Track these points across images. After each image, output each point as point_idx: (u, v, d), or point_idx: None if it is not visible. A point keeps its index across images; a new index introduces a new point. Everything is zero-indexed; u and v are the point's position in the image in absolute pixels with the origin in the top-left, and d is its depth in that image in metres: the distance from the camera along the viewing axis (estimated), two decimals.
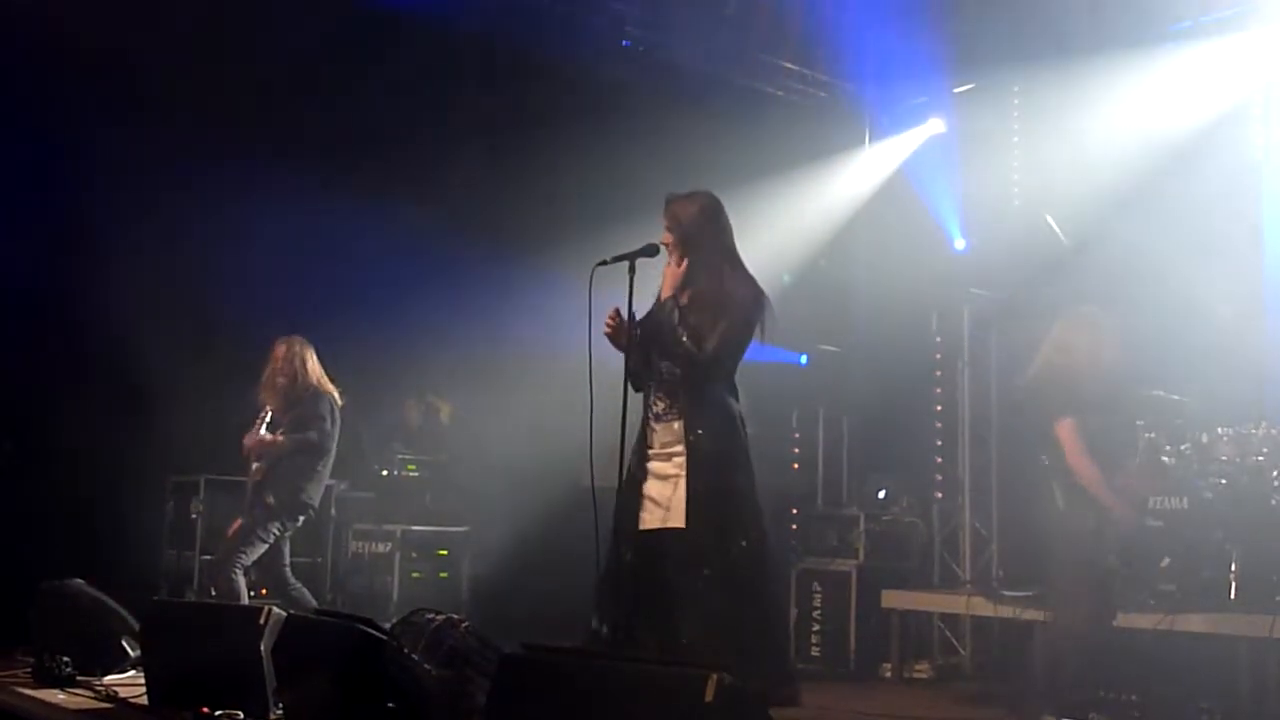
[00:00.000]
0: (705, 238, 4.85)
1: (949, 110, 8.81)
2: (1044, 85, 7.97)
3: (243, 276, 7.78)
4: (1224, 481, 6.00)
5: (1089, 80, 7.49)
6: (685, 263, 4.83)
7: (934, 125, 8.89)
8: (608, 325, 4.73)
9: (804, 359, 9.25)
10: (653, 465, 4.74)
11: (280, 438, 6.67)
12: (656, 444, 4.77)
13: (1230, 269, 6.94)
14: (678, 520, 4.61)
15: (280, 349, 6.81)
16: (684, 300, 4.81)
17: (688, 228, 4.85)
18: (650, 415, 4.82)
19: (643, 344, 4.80)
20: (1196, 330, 6.28)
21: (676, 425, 4.75)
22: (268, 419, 6.73)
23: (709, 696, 3.01)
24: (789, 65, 9.12)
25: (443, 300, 8.46)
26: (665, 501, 4.66)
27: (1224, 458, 6.11)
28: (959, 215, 8.64)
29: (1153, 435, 6.23)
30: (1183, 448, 6.19)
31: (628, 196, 5.74)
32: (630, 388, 4.89)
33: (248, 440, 6.72)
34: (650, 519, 4.68)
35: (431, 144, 8.54)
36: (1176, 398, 5.92)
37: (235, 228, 7.75)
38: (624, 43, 8.65)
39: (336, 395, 6.85)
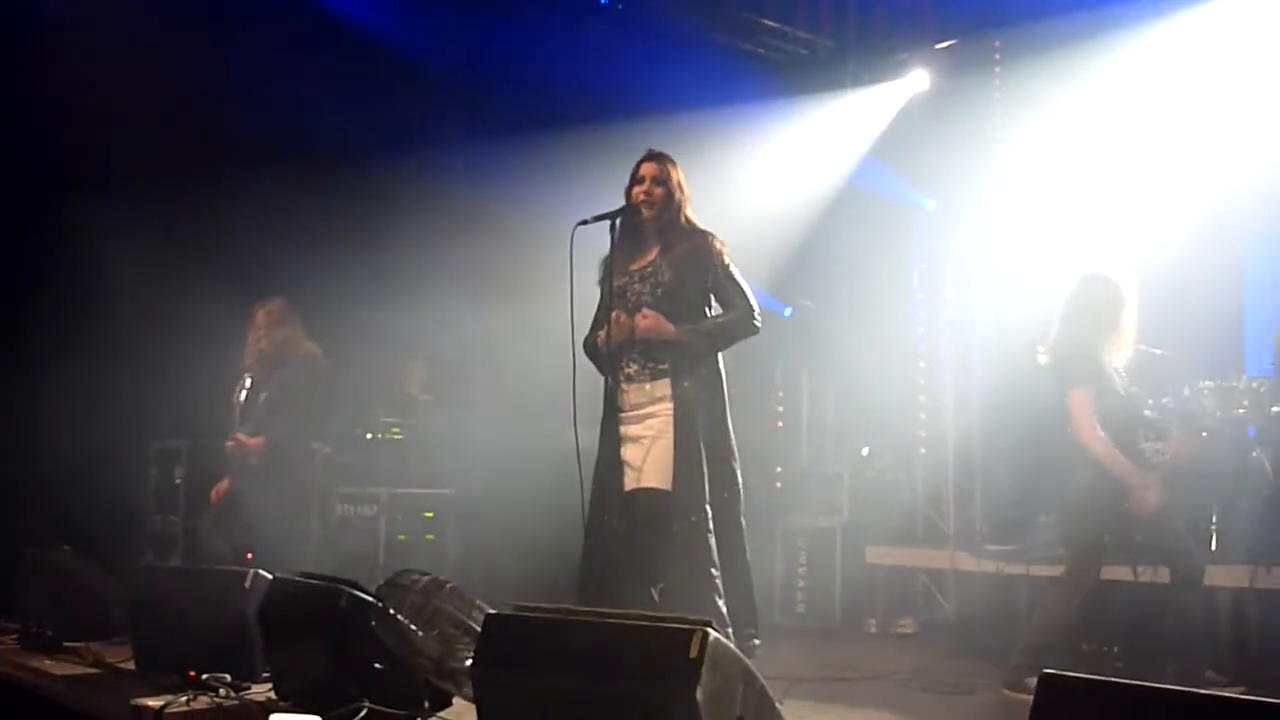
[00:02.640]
0: (684, 193, 4.87)
1: (929, 67, 8.78)
2: (1026, 40, 7.93)
3: (225, 238, 7.75)
4: (1205, 435, 6.03)
5: (1073, 35, 7.45)
6: (664, 221, 4.83)
7: (917, 78, 8.83)
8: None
9: (788, 311, 9.24)
10: (625, 429, 4.75)
11: (257, 441, 6.66)
12: (627, 406, 4.77)
13: (1208, 223, 6.95)
14: (651, 480, 4.63)
15: (260, 313, 6.80)
16: (666, 266, 4.79)
17: (673, 184, 4.86)
18: (620, 377, 4.80)
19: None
20: (1174, 284, 6.29)
21: (649, 386, 4.75)
22: (248, 384, 6.72)
23: (693, 652, 3.02)
24: (768, 22, 9.06)
25: (427, 258, 8.44)
26: (638, 463, 4.68)
27: (1205, 411, 6.14)
28: (938, 173, 8.62)
29: (1135, 389, 6.25)
30: (1164, 401, 6.22)
31: (604, 154, 5.71)
32: (595, 362, 4.90)
33: (228, 446, 6.71)
34: (627, 481, 4.70)
35: (410, 102, 8.50)
36: (1158, 351, 5.93)
37: (220, 186, 7.72)
38: (601, 1, 8.59)
39: (319, 355, 6.84)
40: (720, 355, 4.88)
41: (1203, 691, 2.44)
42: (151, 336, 7.55)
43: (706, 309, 4.86)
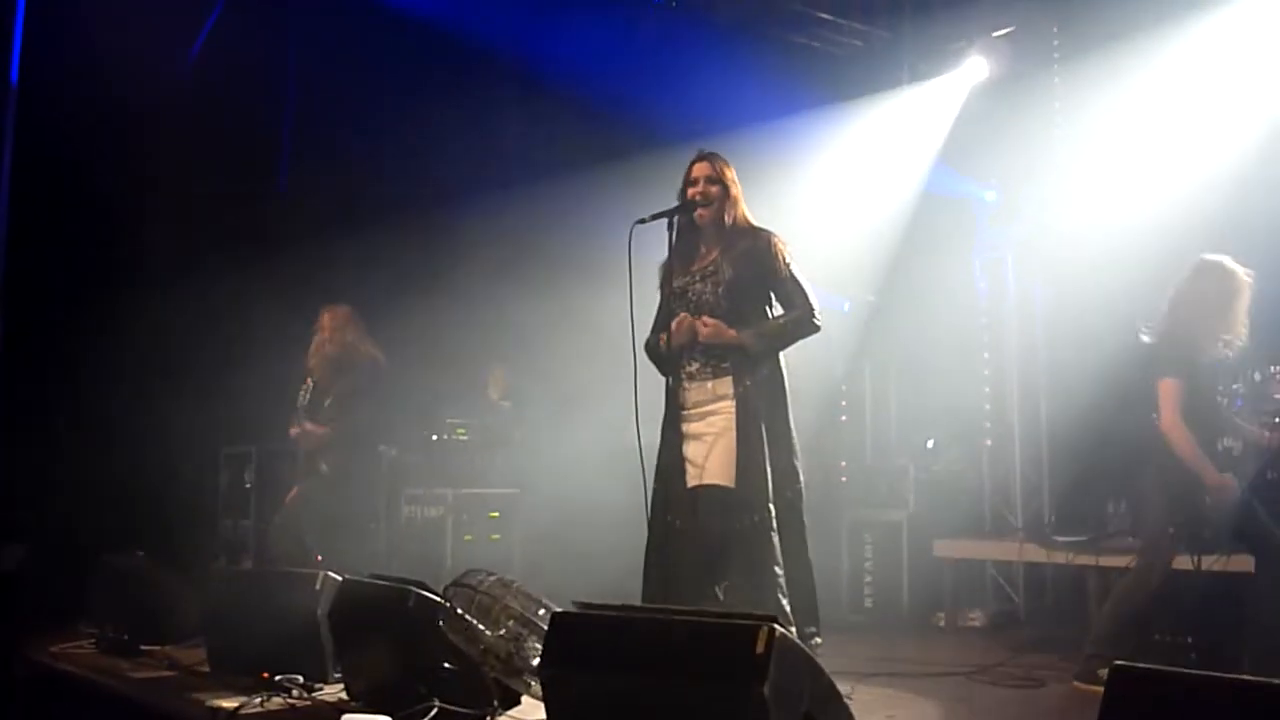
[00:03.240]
0: (738, 190, 4.87)
1: (987, 55, 8.68)
2: (1085, 25, 7.83)
3: (289, 250, 7.84)
4: (1278, 420, 5.92)
5: (1132, 18, 7.34)
6: (723, 220, 4.83)
7: (975, 67, 8.72)
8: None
9: (847, 306, 9.18)
10: (687, 427, 4.76)
11: (323, 429, 6.74)
12: (689, 404, 4.78)
13: (1275, 207, 6.82)
14: (714, 478, 4.63)
15: (325, 317, 6.90)
16: (728, 265, 4.79)
17: (727, 182, 4.86)
18: (682, 375, 4.82)
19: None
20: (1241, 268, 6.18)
21: (710, 384, 4.75)
22: (311, 386, 6.80)
23: (760, 648, 3.02)
24: (823, 15, 9.02)
25: (487, 264, 8.50)
26: (701, 461, 4.68)
27: (1277, 396, 6.03)
28: (998, 163, 8.53)
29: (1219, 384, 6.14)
30: (1234, 387, 6.12)
31: (661, 154, 5.73)
32: (656, 364, 4.91)
33: (293, 433, 6.80)
34: (690, 479, 4.71)
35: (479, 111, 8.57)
36: (1227, 336, 5.83)
37: (285, 198, 7.82)
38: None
39: (381, 359, 6.92)
40: (781, 352, 4.88)
41: (1277, 682, 2.40)
42: (220, 345, 7.66)
43: (768, 307, 4.86)
